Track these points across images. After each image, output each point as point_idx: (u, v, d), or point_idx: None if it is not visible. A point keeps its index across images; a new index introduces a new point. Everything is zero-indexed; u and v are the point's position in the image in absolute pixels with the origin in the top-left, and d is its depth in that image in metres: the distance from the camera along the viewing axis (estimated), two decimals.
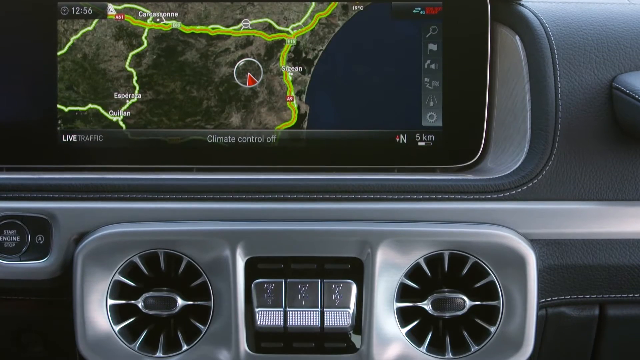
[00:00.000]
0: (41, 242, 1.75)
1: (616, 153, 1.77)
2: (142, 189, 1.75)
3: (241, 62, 1.89)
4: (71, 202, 1.75)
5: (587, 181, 1.76)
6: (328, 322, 1.69)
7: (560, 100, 1.77)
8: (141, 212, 1.74)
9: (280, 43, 1.90)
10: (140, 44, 1.90)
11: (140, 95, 1.89)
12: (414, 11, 1.90)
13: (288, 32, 1.90)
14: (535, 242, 1.74)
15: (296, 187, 1.75)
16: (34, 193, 1.75)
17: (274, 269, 1.71)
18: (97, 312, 1.72)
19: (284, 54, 1.90)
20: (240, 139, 1.89)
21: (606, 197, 1.76)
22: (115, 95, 1.90)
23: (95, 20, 1.90)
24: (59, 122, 1.90)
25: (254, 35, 1.90)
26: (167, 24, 1.90)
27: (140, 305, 1.73)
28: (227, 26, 1.90)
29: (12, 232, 1.75)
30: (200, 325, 1.74)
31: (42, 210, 1.74)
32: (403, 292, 1.74)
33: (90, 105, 1.90)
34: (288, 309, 1.69)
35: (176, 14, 1.90)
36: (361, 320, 1.71)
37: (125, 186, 1.75)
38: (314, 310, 1.69)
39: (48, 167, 1.88)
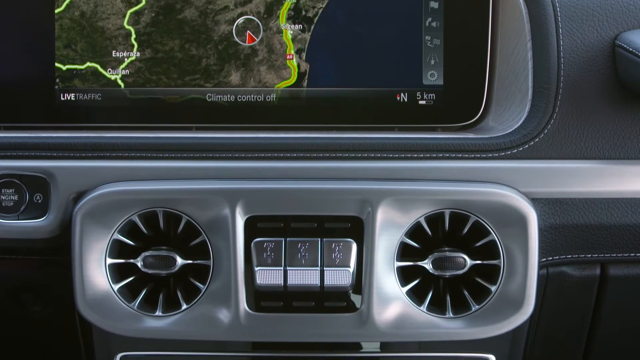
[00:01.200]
0: (39, 201, 1.74)
1: (618, 112, 1.76)
2: (140, 148, 1.74)
3: (240, 20, 1.88)
4: (69, 161, 1.74)
5: (588, 140, 1.75)
6: (328, 281, 1.69)
7: (563, 59, 1.76)
8: (140, 171, 1.73)
9: (280, 1, 1.88)
10: (139, 2, 1.88)
11: (138, 54, 1.88)
12: None
13: None
14: (537, 201, 1.73)
15: (296, 146, 1.74)
16: (32, 152, 1.74)
17: (273, 228, 1.70)
18: (96, 271, 1.72)
19: (283, 11, 1.88)
20: (239, 98, 1.88)
21: (608, 156, 1.75)
22: (113, 53, 1.88)
23: None
24: (57, 80, 1.88)
25: None
26: None
27: (139, 264, 1.73)
28: None
29: (10, 191, 1.74)
30: (199, 285, 1.73)
31: (40, 169, 1.73)
32: (403, 251, 1.73)
33: (88, 64, 1.88)
34: (288, 268, 1.69)
35: None
36: (361, 280, 1.70)
37: (124, 145, 1.74)
38: (313, 269, 1.69)
39: (46, 126, 1.87)
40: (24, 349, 2.15)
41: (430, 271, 1.73)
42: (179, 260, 1.72)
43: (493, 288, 1.72)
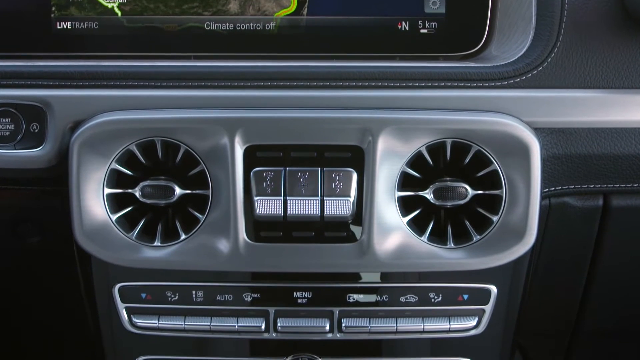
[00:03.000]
0: (36, 131, 1.73)
1: (623, 40, 1.74)
2: (138, 77, 1.72)
3: None
4: (66, 90, 1.72)
5: (592, 69, 1.73)
6: (328, 211, 1.67)
7: None
8: (138, 100, 1.71)
9: None
10: None
11: None
12: None
13: None
14: (540, 131, 1.71)
15: (296, 75, 1.72)
16: (28, 80, 1.73)
17: (273, 157, 1.69)
18: (94, 201, 1.71)
19: None
20: (238, 26, 1.85)
21: (612, 85, 1.73)
22: None
23: None
24: (53, 9, 1.85)
25: None
26: None
27: (137, 194, 1.71)
28: None
29: (7, 120, 1.72)
30: (198, 215, 1.72)
31: (36, 98, 1.72)
32: (404, 182, 1.72)
33: None
34: (287, 198, 1.67)
35: None
36: (361, 210, 1.69)
37: (121, 73, 1.72)
38: (313, 199, 1.67)
39: (43, 55, 1.85)
40: (23, 282, 2.15)
41: (432, 201, 1.72)
42: (178, 190, 1.71)
43: (495, 218, 1.71)
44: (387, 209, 1.70)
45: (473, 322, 1.83)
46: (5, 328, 2.47)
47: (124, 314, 1.84)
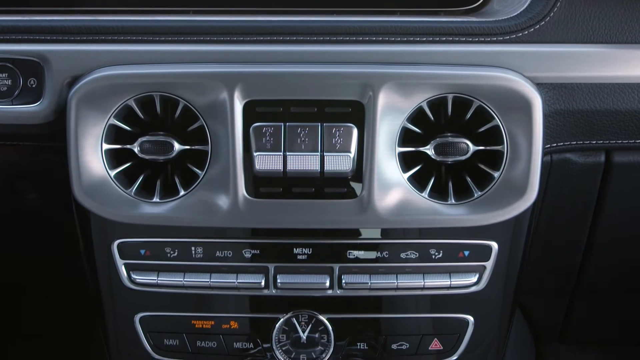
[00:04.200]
0: (33, 86, 1.72)
1: None
2: (137, 31, 1.71)
3: None
4: (64, 45, 1.71)
5: (596, 23, 1.71)
6: (328, 167, 1.66)
7: None
8: (136, 55, 1.70)
9: None
10: None
11: None
12: None
13: None
14: (542, 86, 1.70)
15: (296, 29, 1.71)
16: (25, 35, 1.71)
17: (272, 113, 1.67)
18: (92, 157, 1.70)
19: None
20: None
21: (615, 40, 1.72)
22: None
23: None
24: None
25: None
26: None
27: (136, 149, 1.70)
28: None
29: (4, 75, 1.71)
30: (197, 171, 1.71)
31: (34, 53, 1.70)
32: (405, 137, 1.71)
33: None
34: (287, 153, 1.66)
35: None
36: (362, 165, 1.68)
37: (119, 28, 1.71)
38: (313, 155, 1.66)
39: (40, 10, 1.83)
40: (22, 239, 2.15)
41: (432, 157, 1.70)
42: (177, 146, 1.70)
43: (496, 174, 1.70)
44: (387, 165, 1.69)
45: (474, 279, 1.82)
46: (5, 285, 2.47)
47: (123, 271, 1.83)
